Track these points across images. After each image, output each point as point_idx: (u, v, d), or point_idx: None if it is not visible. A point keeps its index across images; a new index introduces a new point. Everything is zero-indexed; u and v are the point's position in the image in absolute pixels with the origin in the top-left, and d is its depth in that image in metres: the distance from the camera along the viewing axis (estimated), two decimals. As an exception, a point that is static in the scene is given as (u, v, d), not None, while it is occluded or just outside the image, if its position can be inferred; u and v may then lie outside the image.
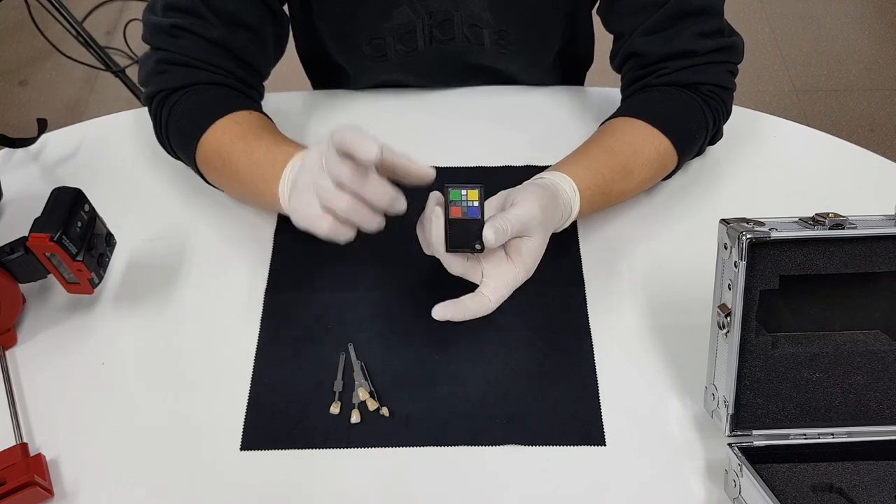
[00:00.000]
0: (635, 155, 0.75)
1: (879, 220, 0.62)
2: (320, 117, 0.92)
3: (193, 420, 0.68)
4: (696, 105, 0.78)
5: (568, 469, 0.65)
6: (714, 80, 0.78)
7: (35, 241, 0.65)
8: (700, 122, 0.78)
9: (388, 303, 0.75)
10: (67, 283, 0.70)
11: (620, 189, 0.75)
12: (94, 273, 0.69)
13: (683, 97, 0.78)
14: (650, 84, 0.80)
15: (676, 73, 0.78)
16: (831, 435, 0.63)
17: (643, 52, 0.79)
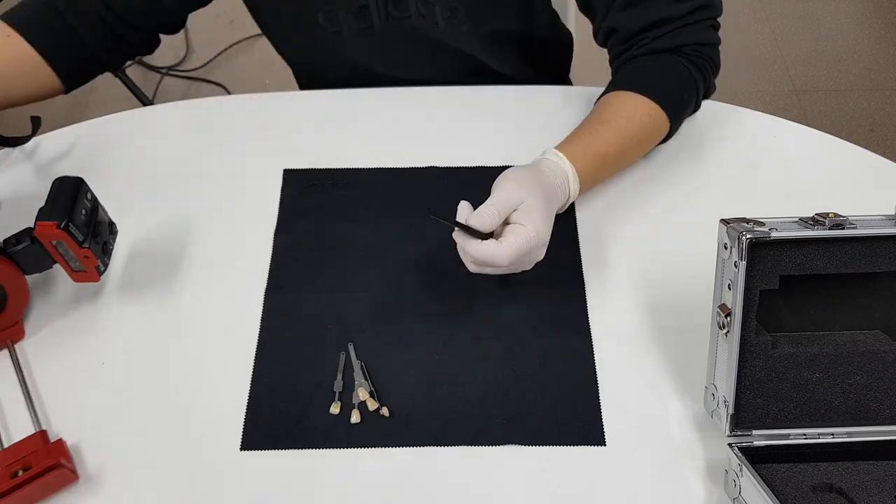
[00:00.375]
0: (629, 125, 0.78)
1: (879, 220, 0.62)
2: (318, 118, 0.92)
3: (193, 420, 0.68)
4: (680, 66, 0.81)
5: (568, 469, 0.65)
6: (694, 40, 0.81)
7: (42, 229, 0.65)
8: (686, 82, 0.81)
9: (388, 303, 0.75)
10: (73, 272, 0.70)
11: (621, 160, 0.80)
12: (99, 260, 0.70)
13: (666, 61, 0.81)
14: (633, 56, 0.82)
15: (656, 40, 0.81)
16: (831, 435, 0.63)
17: (621, 27, 0.82)
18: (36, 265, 0.70)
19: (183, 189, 0.85)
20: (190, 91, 2.06)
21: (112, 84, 1.95)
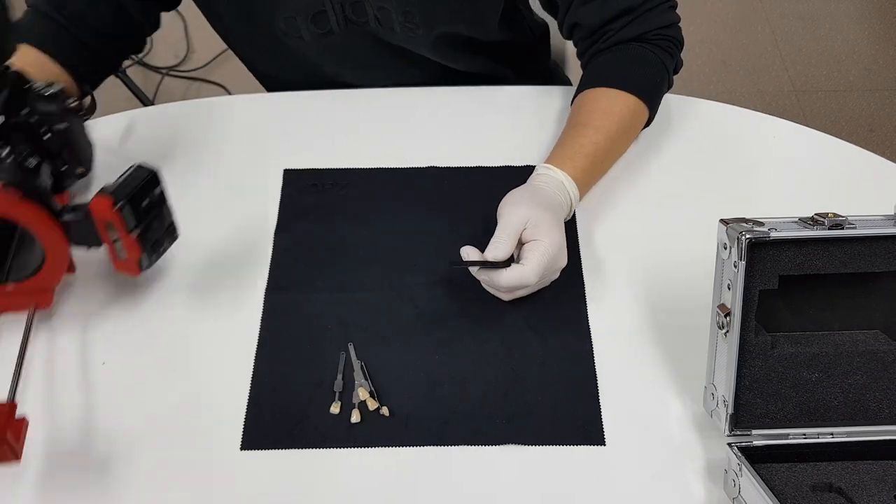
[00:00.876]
0: (608, 117, 0.80)
1: (879, 220, 0.62)
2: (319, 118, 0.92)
3: (193, 420, 0.68)
4: (646, 52, 0.83)
5: (568, 469, 0.65)
6: (655, 25, 0.83)
7: (97, 205, 0.65)
8: (655, 67, 0.83)
9: (388, 302, 0.75)
10: (117, 259, 0.69)
11: (611, 157, 0.82)
12: (144, 254, 0.69)
13: (631, 51, 0.83)
14: (600, 49, 0.84)
15: (619, 32, 0.83)
16: (831, 435, 0.63)
17: (583, 22, 0.84)
18: (83, 239, 0.69)
19: (183, 189, 0.84)
20: (190, 91, 2.06)
21: (112, 84, 1.95)
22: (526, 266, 0.68)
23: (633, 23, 0.83)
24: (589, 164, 0.78)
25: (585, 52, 0.87)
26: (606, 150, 0.80)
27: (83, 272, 0.78)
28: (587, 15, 0.84)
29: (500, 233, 0.70)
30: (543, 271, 0.69)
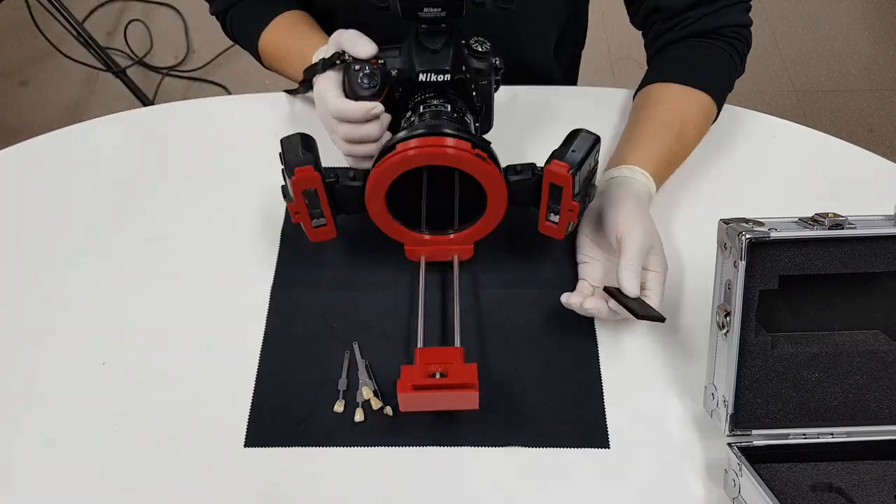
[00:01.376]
0: (684, 119, 0.81)
1: (879, 220, 0.62)
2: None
3: (198, 417, 0.68)
4: (723, 51, 0.84)
5: (568, 469, 0.65)
6: (734, 21, 0.84)
7: (555, 167, 0.67)
8: (729, 67, 0.84)
9: (392, 302, 0.75)
10: (545, 222, 0.71)
11: (679, 158, 0.82)
12: (575, 221, 0.71)
13: (709, 47, 0.84)
14: (675, 38, 0.85)
15: (699, 21, 0.83)
16: (831, 434, 0.63)
17: (665, 5, 0.84)
18: (521, 199, 0.71)
19: (184, 189, 0.85)
20: (190, 91, 2.06)
21: (112, 84, 1.95)
22: (653, 299, 0.69)
23: (713, 14, 0.83)
24: (665, 167, 0.80)
25: (657, 38, 0.87)
26: (680, 151, 0.81)
27: (84, 272, 0.78)
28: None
29: (629, 265, 0.68)
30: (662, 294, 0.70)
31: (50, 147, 0.90)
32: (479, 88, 0.76)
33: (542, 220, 0.71)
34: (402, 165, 0.66)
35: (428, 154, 0.65)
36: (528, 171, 0.69)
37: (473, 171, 0.67)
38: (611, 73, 1.90)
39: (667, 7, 0.85)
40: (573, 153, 0.67)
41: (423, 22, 0.72)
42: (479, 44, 0.75)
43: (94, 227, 0.82)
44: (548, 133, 0.89)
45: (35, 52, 2.11)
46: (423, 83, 0.74)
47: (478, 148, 0.66)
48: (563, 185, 0.67)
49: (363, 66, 0.73)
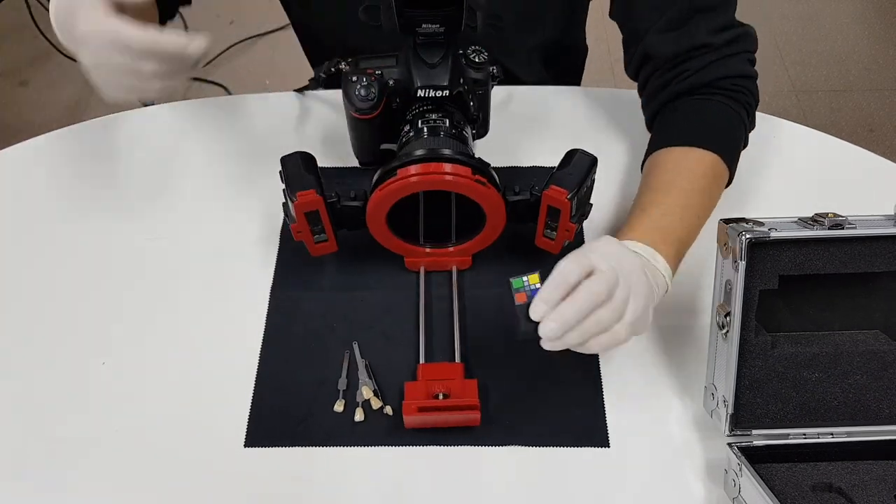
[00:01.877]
0: (699, 186, 0.73)
1: (879, 220, 0.62)
2: (319, 117, 0.92)
3: (198, 417, 0.68)
4: (729, 109, 0.77)
5: (568, 469, 0.65)
6: (736, 72, 0.77)
7: (553, 192, 0.67)
8: (737, 125, 0.77)
9: (392, 302, 0.75)
10: (541, 237, 0.72)
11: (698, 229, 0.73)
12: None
13: (715, 105, 0.77)
14: (672, 95, 0.78)
15: (698, 73, 0.77)
16: (831, 434, 0.63)
17: (657, 52, 0.78)
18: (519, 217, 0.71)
19: (184, 189, 0.85)
20: (190, 91, 2.06)
21: (112, 84, 1.95)
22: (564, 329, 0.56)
23: (713, 64, 0.77)
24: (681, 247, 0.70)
25: (654, 96, 0.80)
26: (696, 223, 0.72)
27: (84, 272, 0.78)
28: (663, 45, 0.77)
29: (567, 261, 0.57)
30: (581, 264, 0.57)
31: (50, 147, 0.90)
32: (477, 98, 0.77)
33: (539, 235, 0.72)
34: (403, 191, 0.67)
35: (429, 181, 0.66)
36: (527, 191, 0.70)
37: (473, 196, 0.68)
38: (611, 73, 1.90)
39: (658, 55, 0.78)
40: (571, 177, 0.68)
41: (420, 36, 0.72)
42: (477, 54, 0.75)
43: (93, 227, 0.82)
44: (546, 133, 0.90)
45: (35, 52, 2.11)
46: (422, 98, 0.74)
47: (478, 173, 0.67)
48: (560, 209, 0.68)
49: (360, 77, 0.74)
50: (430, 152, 0.67)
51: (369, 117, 0.75)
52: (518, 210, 0.70)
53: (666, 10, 0.77)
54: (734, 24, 0.79)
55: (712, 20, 0.77)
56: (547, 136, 0.90)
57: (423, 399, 0.65)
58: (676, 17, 0.77)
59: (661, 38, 0.78)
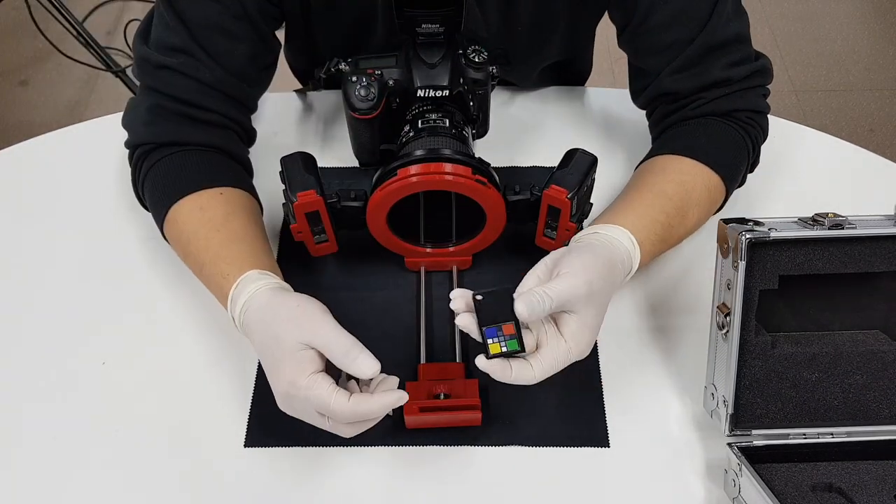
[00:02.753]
0: (688, 195, 0.72)
1: (879, 220, 0.62)
2: (319, 117, 0.92)
3: (198, 417, 0.68)
4: (737, 135, 0.75)
5: (568, 469, 0.65)
6: (750, 106, 0.76)
7: (554, 192, 0.67)
8: (742, 152, 0.76)
9: (393, 302, 0.75)
10: (542, 235, 0.72)
11: (678, 234, 0.72)
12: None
13: (723, 127, 0.76)
14: (686, 116, 0.77)
15: (713, 102, 0.76)
16: (831, 435, 0.63)
17: (674, 90, 0.77)
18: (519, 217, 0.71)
19: (184, 189, 0.85)
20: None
21: (112, 84, 1.95)
22: (534, 368, 0.58)
23: (729, 96, 0.75)
24: (657, 249, 0.69)
25: (665, 117, 0.79)
26: (678, 224, 0.71)
27: (84, 271, 0.78)
28: (680, 83, 0.76)
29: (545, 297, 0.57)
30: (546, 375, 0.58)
31: (50, 147, 0.90)
32: (477, 98, 0.77)
33: (539, 235, 0.72)
34: (404, 191, 0.67)
35: (429, 181, 0.66)
36: (527, 191, 0.70)
37: (473, 195, 0.68)
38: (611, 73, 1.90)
39: (676, 91, 0.76)
40: (571, 176, 0.68)
41: (420, 36, 0.72)
42: (477, 53, 0.75)
43: (93, 226, 0.82)
44: (546, 133, 0.90)
45: (35, 52, 2.11)
46: (422, 98, 0.74)
47: (478, 173, 0.67)
48: (561, 209, 0.68)
49: (360, 77, 0.74)
50: (431, 152, 0.67)
51: (369, 117, 0.75)
52: (518, 210, 0.70)
53: (680, 50, 0.75)
54: (750, 57, 0.77)
55: (726, 57, 0.75)
56: (547, 135, 0.90)
57: (424, 399, 0.65)
58: (690, 58, 0.75)
59: (676, 77, 0.76)
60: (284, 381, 0.57)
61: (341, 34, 0.82)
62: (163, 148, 0.73)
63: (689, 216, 0.72)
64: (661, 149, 0.76)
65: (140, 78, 0.75)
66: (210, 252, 0.68)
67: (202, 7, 0.71)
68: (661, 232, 0.69)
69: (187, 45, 0.71)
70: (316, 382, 0.56)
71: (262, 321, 0.61)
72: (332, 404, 0.56)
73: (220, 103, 0.74)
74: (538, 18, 0.81)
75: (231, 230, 0.69)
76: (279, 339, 0.58)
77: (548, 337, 0.59)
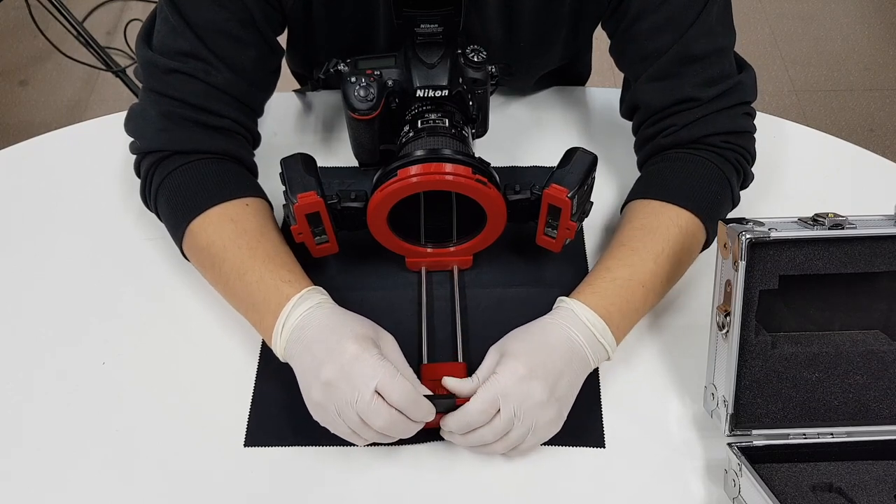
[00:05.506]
0: (653, 235, 0.70)
1: (879, 220, 0.62)
2: (319, 117, 0.92)
3: (197, 416, 0.68)
4: (713, 165, 0.74)
5: (568, 469, 0.65)
6: (724, 129, 0.74)
7: (554, 191, 0.67)
8: (717, 181, 0.74)
9: (394, 302, 0.75)
10: (542, 235, 0.72)
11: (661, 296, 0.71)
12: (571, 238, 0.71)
13: (699, 160, 0.74)
14: (660, 146, 0.76)
15: (684, 128, 0.74)
16: (831, 435, 0.63)
17: (645, 102, 0.77)
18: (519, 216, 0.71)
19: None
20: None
21: (112, 84, 1.95)
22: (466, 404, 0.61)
23: (700, 121, 0.74)
24: (623, 295, 0.67)
25: (644, 144, 0.79)
26: (652, 277, 0.69)
27: (84, 271, 0.78)
28: (651, 95, 0.76)
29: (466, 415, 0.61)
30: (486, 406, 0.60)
31: (50, 147, 0.90)
32: (476, 97, 0.77)
33: (539, 234, 0.72)
34: (404, 191, 0.67)
35: (429, 181, 0.66)
36: (527, 190, 0.70)
37: (474, 195, 0.68)
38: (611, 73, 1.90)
39: (647, 104, 0.76)
40: (571, 175, 0.68)
41: (419, 36, 0.72)
42: (476, 53, 0.75)
43: (93, 226, 0.82)
44: (546, 133, 0.90)
45: (35, 52, 2.11)
46: (421, 98, 0.74)
47: (478, 173, 0.67)
48: (561, 208, 0.68)
49: (360, 77, 0.74)
50: (431, 152, 0.67)
51: (368, 118, 0.75)
52: (519, 209, 0.70)
53: (656, 58, 0.74)
54: (728, 74, 0.75)
55: (701, 72, 0.73)
56: (547, 135, 0.90)
57: None
58: (665, 67, 0.74)
59: (649, 87, 0.76)
60: (341, 361, 0.60)
61: (343, 39, 0.82)
62: (176, 156, 0.72)
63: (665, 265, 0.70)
64: (640, 190, 0.76)
65: (146, 83, 0.74)
66: (257, 259, 0.68)
67: (209, 12, 0.71)
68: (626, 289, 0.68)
69: (197, 49, 0.71)
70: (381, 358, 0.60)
71: (335, 314, 0.65)
72: (395, 377, 0.59)
73: (232, 108, 0.74)
74: (540, 29, 0.81)
75: (271, 241, 0.71)
76: (350, 328, 0.63)
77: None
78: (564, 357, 0.63)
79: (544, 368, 0.62)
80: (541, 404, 0.61)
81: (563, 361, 0.63)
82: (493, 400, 0.60)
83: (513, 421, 0.60)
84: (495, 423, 0.61)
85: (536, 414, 0.61)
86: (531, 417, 0.61)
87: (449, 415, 0.62)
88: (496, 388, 0.60)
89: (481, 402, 0.60)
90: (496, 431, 0.61)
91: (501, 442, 0.62)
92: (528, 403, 0.60)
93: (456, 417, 0.61)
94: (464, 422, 0.61)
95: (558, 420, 0.63)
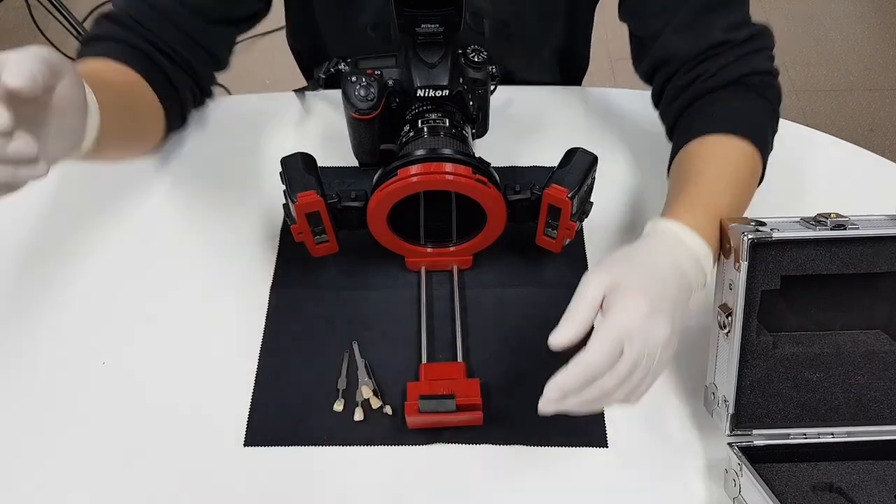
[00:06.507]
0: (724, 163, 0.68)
1: (881, 221, 0.62)
2: (319, 117, 0.92)
3: (197, 417, 0.68)
4: (757, 100, 0.73)
5: (568, 469, 0.65)
6: (761, 69, 0.74)
7: (553, 191, 0.67)
8: (767, 113, 0.74)
9: (392, 301, 0.75)
10: (542, 236, 0.72)
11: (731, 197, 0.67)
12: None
13: (738, 93, 0.73)
14: (700, 92, 0.74)
15: (721, 71, 0.73)
16: (831, 435, 0.63)
17: (675, 53, 0.75)
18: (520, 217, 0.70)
19: (184, 189, 0.85)
20: (190, 90, 2.06)
21: (112, 83, 1.95)
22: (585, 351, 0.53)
23: (735, 63, 0.73)
24: (714, 213, 0.63)
25: (678, 95, 0.76)
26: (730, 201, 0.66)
27: (84, 271, 0.78)
28: (680, 45, 0.74)
29: (566, 314, 0.54)
30: (612, 350, 0.53)
31: (50, 146, 0.89)
32: (476, 97, 0.77)
33: (539, 234, 0.72)
34: (404, 191, 0.67)
35: (429, 181, 0.66)
36: (527, 190, 0.70)
37: (474, 195, 0.68)
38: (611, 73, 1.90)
39: (677, 55, 0.75)
40: (571, 175, 0.68)
41: (420, 35, 0.72)
42: (476, 53, 0.75)
43: (93, 226, 0.82)
44: (546, 133, 0.90)
45: (35, 52, 2.11)
46: (422, 98, 0.74)
47: (478, 173, 0.67)
48: (561, 208, 0.68)
49: (360, 77, 0.74)
50: (431, 152, 0.67)
51: (369, 117, 0.75)
52: (518, 209, 0.70)
53: (678, 9, 0.75)
54: (749, 21, 0.76)
55: (727, 17, 0.74)
56: (547, 135, 0.90)
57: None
58: (691, 16, 0.74)
59: (677, 38, 0.75)
60: None
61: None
62: (127, 29, 0.74)
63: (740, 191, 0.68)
64: (691, 131, 0.72)
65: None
66: None
67: None
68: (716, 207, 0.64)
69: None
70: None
71: None
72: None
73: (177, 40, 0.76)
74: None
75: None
76: None
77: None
78: (676, 286, 0.58)
79: (663, 301, 0.56)
80: (665, 341, 0.55)
81: (676, 291, 0.57)
82: (618, 341, 0.53)
83: (638, 363, 0.54)
84: (619, 367, 0.53)
85: (659, 353, 0.55)
86: (653, 357, 0.55)
87: (563, 370, 0.53)
88: (619, 327, 0.53)
89: (608, 344, 0.53)
90: (620, 376, 0.53)
91: (623, 387, 0.54)
92: (652, 343, 0.54)
93: (577, 370, 0.52)
94: (588, 373, 0.52)
95: (672, 357, 0.57)
